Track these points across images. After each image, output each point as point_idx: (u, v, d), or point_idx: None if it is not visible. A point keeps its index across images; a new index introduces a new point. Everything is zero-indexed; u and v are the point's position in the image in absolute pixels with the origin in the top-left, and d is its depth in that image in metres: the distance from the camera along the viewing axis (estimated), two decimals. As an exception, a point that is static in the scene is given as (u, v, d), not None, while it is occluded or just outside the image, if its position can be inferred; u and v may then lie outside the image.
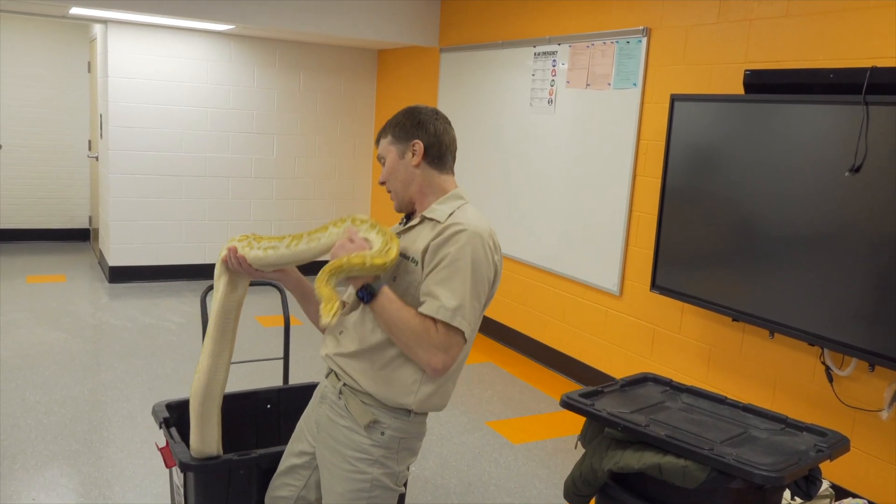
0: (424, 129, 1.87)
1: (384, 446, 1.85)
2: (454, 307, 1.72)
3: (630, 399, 2.60)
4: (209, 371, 2.03)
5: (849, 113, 2.92)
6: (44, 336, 4.93)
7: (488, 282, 1.81)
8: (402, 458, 1.89)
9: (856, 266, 2.93)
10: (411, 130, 1.87)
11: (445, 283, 1.73)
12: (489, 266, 1.80)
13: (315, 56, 6.93)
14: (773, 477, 2.01)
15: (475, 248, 1.76)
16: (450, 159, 1.93)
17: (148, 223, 6.48)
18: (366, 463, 1.84)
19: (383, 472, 1.86)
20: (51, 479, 3.14)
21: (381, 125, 1.97)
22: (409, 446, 1.91)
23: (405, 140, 1.88)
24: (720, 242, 3.51)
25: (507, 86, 5.22)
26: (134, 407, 3.91)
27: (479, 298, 1.78)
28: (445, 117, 1.93)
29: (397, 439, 1.86)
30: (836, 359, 3.18)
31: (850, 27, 3.12)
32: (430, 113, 1.91)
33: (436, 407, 1.88)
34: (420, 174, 1.88)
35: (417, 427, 1.90)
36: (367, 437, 1.84)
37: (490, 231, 1.82)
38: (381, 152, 1.93)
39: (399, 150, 1.88)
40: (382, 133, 1.93)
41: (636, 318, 4.26)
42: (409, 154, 1.87)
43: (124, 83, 6.19)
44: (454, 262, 1.74)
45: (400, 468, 1.89)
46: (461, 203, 1.87)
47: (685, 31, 3.89)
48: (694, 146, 3.62)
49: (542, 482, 3.42)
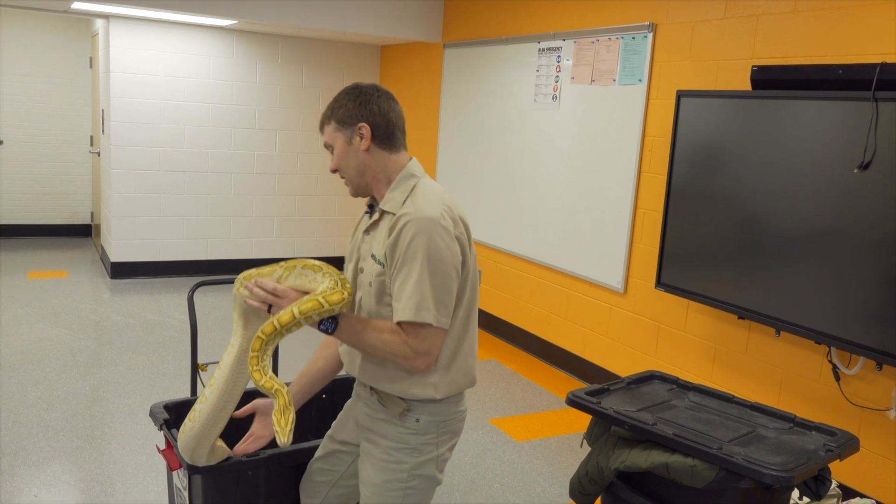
0: (368, 109, 1.80)
1: (421, 433, 1.83)
2: (415, 305, 1.70)
3: (636, 397, 2.58)
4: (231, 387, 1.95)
5: (857, 109, 2.90)
6: (45, 332, 4.91)
7: (452, 266, 1.75)
8: (442, 442, 1.87)
9: (863, 264, 2.90)
10: (355, 112, 1.80)
11: (404, 284, 1.72)
12: (448, 250, 1.73)
13: (318, 52, 6.90)
14: (783, 477, 1.99)
15: (427, 237, 1.70)
16: (399, 136, 1.85)
17: (150, 219, 6.46)
18: (403, 452, 1.83)
19: (423, 460, 1.84)
20: (52, 476, 3.12)
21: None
22: (450, 429, 1.88)
23: (350, 124, 1.80)
24: (726, 239, 3.48)
25: (511, 82, 5.19)
26: (135, 403, 3.89)
27: (444, 286, 1.73)
28: (388, 92, 1.86)
29: (434, 423, 1.84)
30: (843, 357, 3.15)
31: (859, 23, 3.09)
32: (371, 90, 1.83)
33: (461, 386, 1.86)
34: (371, 159, 1.81)
35: (453, 406, 1.88)
36: (402, 426, 1.83)
37: (441, 211, 1.74)
38: (328, 140, 1.85)
39: (346, 135, 1.81)
40: (325, 119, 1.85)
41: (641, 316, 4.24)
42: (357, 138, 1.80)
43: (126, 78, 6.17)
44: (407, 262, 1.71)
45: (440, 451, 1.87)
46: (414, 182, 1.81)
47: (691, 26, 3.86)
48: (700, 143, 3.59)
49: (547, 480, 3.40)
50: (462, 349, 1.86)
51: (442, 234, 1.73)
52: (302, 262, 1.81)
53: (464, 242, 1.79)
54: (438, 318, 1.72)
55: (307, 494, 2.09)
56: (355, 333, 1.74)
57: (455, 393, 1.86)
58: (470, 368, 1.88)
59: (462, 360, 1.86)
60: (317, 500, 2.06)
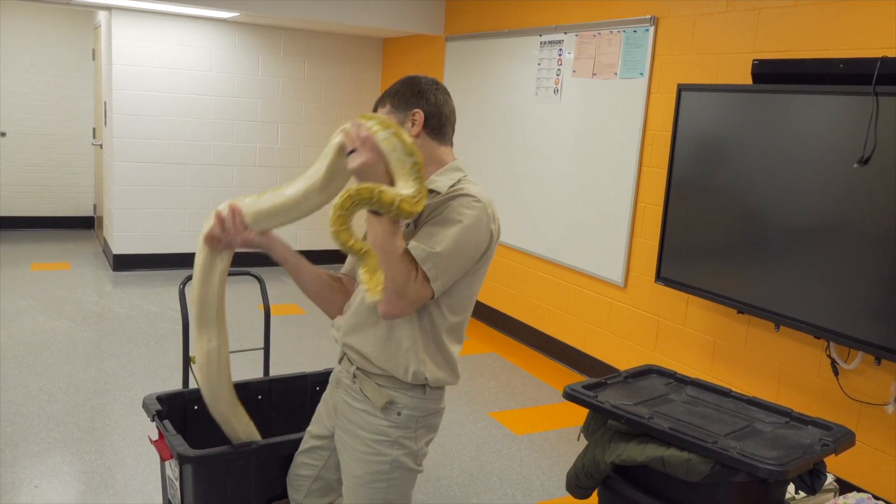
0: (425, 99, 1.82)
1: (402, 426, 1.84)
2: (427, 250, 1.68)
3: (634, 391, 2.58)
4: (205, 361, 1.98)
5: (858, 104, 2.89)
6: (47, 324, 4.93)
7: (476, 250, 1.76)
8: (420, 437, 1.88)
9: (863, 258, 2.90)
10: (411, 100, 1.82)
11: (433, 233, 1.71)
12: (484, 232, 1.75)
13: (320, 44, 6.90)
14: (778, 471, 1.99)
15: (474, 211, 1.72)
16: (449, 130, 1.88)
17: (152, 211, 6.47)
18: (384, 445, 1.84)
19: (403, 453, 1.85)
20: (53, 467, 3.14)
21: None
22: (428, 423, 1.89)
23: (405, 109, 1.83)
24: (726, 234, 3.48)
25: (512, 75, 5.18)
26: (136, 395, 3.91)
27: (458, 262, 1.72)
28: (445, 88, 1.89)
29: (415, 418, 1.85)
30: (841, 352, 3.15)
31: (860, 16, 3.08)
32: (430, 83, 1.86)
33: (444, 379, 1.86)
34: (420, 144, 1.81)
35: (434, 403, 1.88)
36: (384, 418, 1.83)
37: (490, 201, 1.79)
38: None
39: (398, 119, 1.83)
40: (381, 102, 1.88)
41: (641, 310, 4.24)
42: (409, 124, 1.82)
43: (129, 71, 6.17)
44: (447, 219, 1.72)
45: (419, 446, 1.88)
46: (461, 175, 1.84)
47: (693, 20, 3.85)
48: (701, 137, 3.58)
49: (545, 473, 3.40)
50: (456, 341, 1.87)
51: (485, 219, 1.75)
52: (402, 139, 1.65)
53: (494, 238, 1.82)
54: (436, 279, 1.70)
55: (292, 488, 2.11)
56: (386, 234, 1.65)
57: (441, 383, 1.86)
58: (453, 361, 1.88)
59: (452, 348, 1.86)
60: (300, 493, 2.08)
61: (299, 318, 5.50)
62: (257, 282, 3.03)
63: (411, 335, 1.79)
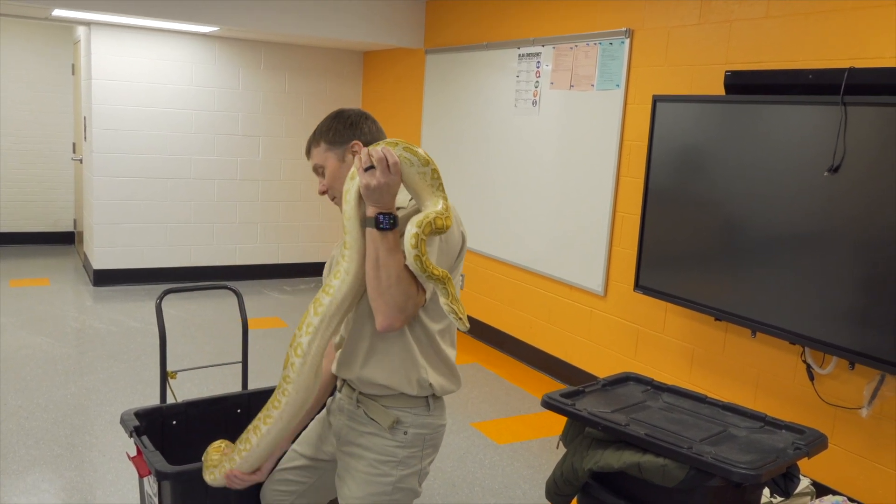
0: (359, 129, 1.84)
1: (409, 446, 1.85)
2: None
3: (611, 398, 2.61)
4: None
5: (827, 113, 2.95)
6: (26, 340, 4.89)
7: (451, 251, 1.80)
8: (426, 455, 1.90)
9: (835, 265, 2.95)
10: (346, 133, 1.84)
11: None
12: (457, 235, 1.81)
13: (300, 58, 6.92)
14: (751, 475, 2.02)
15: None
16: None
17: (133, 226, 6.44)
18: (389, 465, 1.85)
19: (407, 473, 1.86)
20: (32, 484, 3.12)
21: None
22: (434, 443, 1.92)
23: (341, 143, 1.84)
24: (702, 242, 3.53)
25: (491, 87, 5.23)
26: (117, 411, 3.88)
27: (444, 257, 1.77)
28: (373, 117, 1.91)
29: (421, 436, 1.87)
30: (816, 357, 3.20)
31: (829, 28, 3.15)
32: (359, 114, 1.88)
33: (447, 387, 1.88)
34: None
35: (438, 419, 1.90)
36: (391, 438, 1.85)
37: (453, 206, 1.81)
38: (318, 161, 1.87)
39: (338, 154, 1.84)
40: (313, 142, 1.88)
41: (621, 319, 4.28)
42: (349, 156, 1.83)
43: (108, 85, 6.16)
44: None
45: (424, 464, 1.90)
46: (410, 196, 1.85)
47: (667, 32, 3.91)
48: (676, 147, 3.63)
49: (527, 482, 3.42)
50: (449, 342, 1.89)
51: (454, 224, 1.79)
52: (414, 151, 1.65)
53: (465, 240, 1.86)
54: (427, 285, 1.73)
55: (269, 502, 2.09)
56: (389, 248, 1.64)
57: (444, 391, 1.88)
58: (453, 365, 1.91)
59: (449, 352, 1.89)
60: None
61: (280, 332, 5.50)
62: (234, 295, 3.02)
63: (407, 347, 1.81)
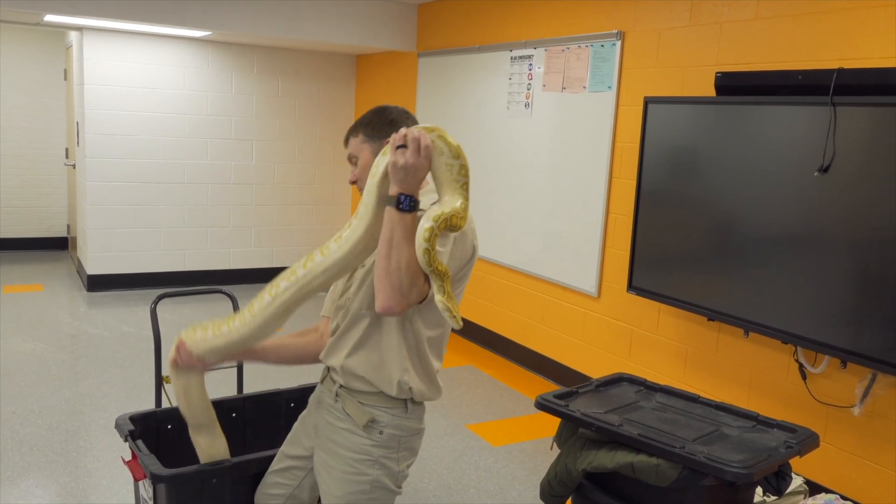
0: (398, 127, 1.84)
1: (384, 446, 1.85)
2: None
3: (604, 399, 2.62)
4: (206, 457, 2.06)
5: (817, 114, 2.97)
6: (20, 346, 4.88)
7: (461, 259, 1.81)
8: (402, 458, 1.90)
9: (826, 264, 2.97)
10: (384, 129, 1.87)
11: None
12: (469, 246, 1.83)
13: (293, 62, 6.92)
14: (744, 473, 2.04)
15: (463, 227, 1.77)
16: None
17: (126, 231, 6.43)
18: (365, 464, 1.85)
19: (383, 474, 1.86)
20: (26, 490, 3.11)
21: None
22: (409, 445, 1.91)
23: (379, 138, 1.87)
24: (695, 243, 3.55)
25: (484, 90, 5.24)
26: (111, 416, 3.88)
27: (453, 261, 1.78)
28: (415, 117, 1.95)
29: (396, 438, 1.87)
30: (809, 356, 3.22)
31: (818, 29, 3.17)
32: (401, 112, 1.92)
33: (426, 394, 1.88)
34: None
35: (415, 423, 1.91)
36: (366, 437, 1.85)
37: (473, 219, 1.86)
38: (353, 151, 1.92)
39: (372, 147, 1.88)
40: (353, 132, 1.93)
41: (614, 319, 4.29)
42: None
43: (101, 90, 6.16)
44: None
45: (400, 468, 1.90)
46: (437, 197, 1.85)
47: (658, 34, 3.93)
48: (667, 148, 3.65)
49: (522, 484, 3.43)
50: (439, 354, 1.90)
51: (470, 235, 1.83)
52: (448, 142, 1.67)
53: (475, 254, 1.88)
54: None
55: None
56: (407, 232, 1.65)
57: (423, 397, 1.88)
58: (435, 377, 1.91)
59: (434, 363, 1.89)
60: None
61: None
62: (229, 300, 3.03)
63: (396, 346, 1.82)
